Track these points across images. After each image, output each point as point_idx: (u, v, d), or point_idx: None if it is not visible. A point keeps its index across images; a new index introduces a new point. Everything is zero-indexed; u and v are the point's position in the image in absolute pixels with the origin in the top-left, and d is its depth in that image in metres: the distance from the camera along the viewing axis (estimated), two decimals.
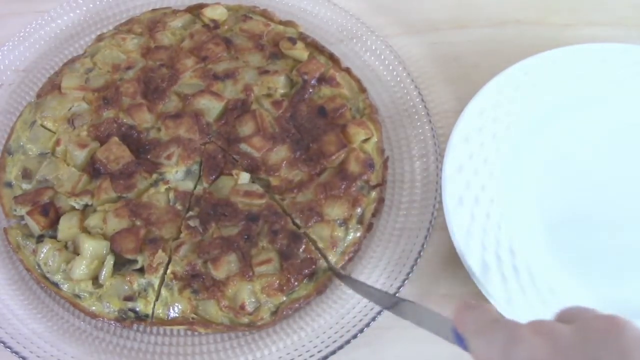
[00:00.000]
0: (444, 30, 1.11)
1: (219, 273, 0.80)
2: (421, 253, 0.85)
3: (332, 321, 0.82)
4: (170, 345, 0.82)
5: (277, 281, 0.80)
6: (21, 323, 0.82)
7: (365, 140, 0.93)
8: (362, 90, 0.98)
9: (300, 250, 0.82)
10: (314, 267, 0.82)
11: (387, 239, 0.88)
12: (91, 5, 1.10)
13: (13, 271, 0.87)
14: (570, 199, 0.90)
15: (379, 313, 0.80)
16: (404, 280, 0.83)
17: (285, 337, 0.81)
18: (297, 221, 0.86)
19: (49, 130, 0.94)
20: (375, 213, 0.89)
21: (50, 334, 0.82)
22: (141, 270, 0.82)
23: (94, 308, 0.82)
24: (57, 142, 0.92)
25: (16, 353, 0.79)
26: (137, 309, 0.82)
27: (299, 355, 0.79)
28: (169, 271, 0.81)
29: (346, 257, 0.86)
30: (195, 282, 0.80)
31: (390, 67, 1.01)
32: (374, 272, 0.85)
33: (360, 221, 0.88)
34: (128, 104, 0.95)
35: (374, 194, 0.90)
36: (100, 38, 1.04)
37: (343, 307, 0.83)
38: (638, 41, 1.02)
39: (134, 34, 1.03)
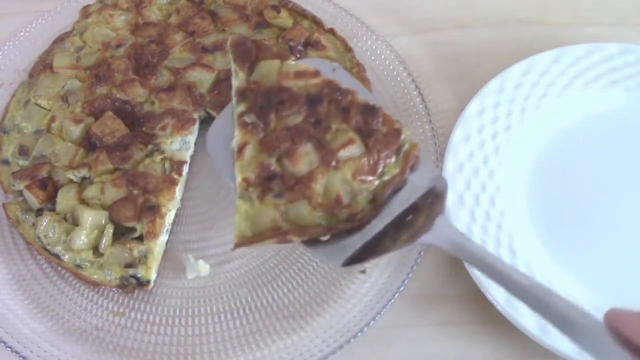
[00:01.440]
0: (444, 30, 1.11)
1: (299, 167, 0.70)
2: (421, 253, 0.85)
3: (332, 321, 0.82)
4: (170, 345, 0.82)
5: (367, 162, 0.70)
6: (22, 323, 0.82)
7: None
8: (348, 49, 1.01)
9: (379, 123, 0.72)
10: (402, 137, 0.71)
11: None
12: None
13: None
14: (571, 198, 0.90)
15: (379, 313, 0.81)
16: (404, 280, 0.83)
17: (286, 336, 0.81)
18: None
19: (43, 108, 0.96)
20: None
21: (50, 333, 0.82)
22: (140, 238, 0.84)
23: (95, 277, 0.84)
24: (52, 119, 0.94)
25: (17, 353, 0.79)
26: (138, 275, 0.83)
27: (299, 355, 0.79)
28: (239, 179, 0.71)
29: None
30: (275, 184, 0.70)
31: (391, 67, 1.02)
32: (375, 271, 0.85)
33: None
34: (120, 80, 0.97)
35: None
36: (86, 13, 1.05)
37: (343, 307, 0.83)
38: (638, 41, 1.02)
39: (120, 9, 1.05)
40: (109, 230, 0.84)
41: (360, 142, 0.70)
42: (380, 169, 0.70)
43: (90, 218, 0.84)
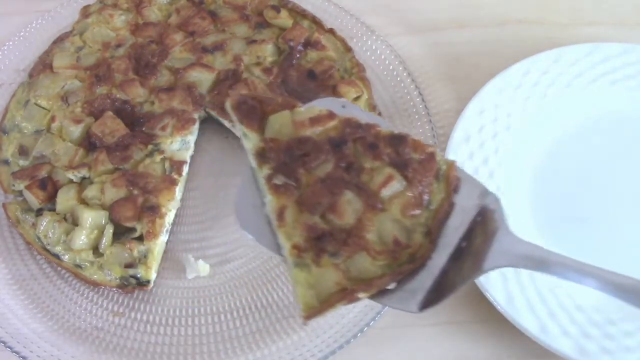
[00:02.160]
0: (444, 30, 1.11)
1: (346, 219, 0.65)
2: None
3: (332, 321, 0.82)
4: (170, 345, 0.82)
5: (412, 195, 0.66)
6: (22, 323, 0.82)
7: (357, 98, 0.95)
8: (348, 49, 1.01)
9: (411, 151, 0.68)
10: (437, 159, 0.68)
11: None
12: None
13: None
14: (571, 198, 0.90)
15: (379, 313, 0.81)
16: None
17: (286, 337, 0.81)
18: None
19: (43, 108, 0.96)
20: None
21: (50, 333, 0.82)
22: (140, 238, 0.84)
23: (95, 277, 0.84)
24: (52, 119, 0.94)
25: (17, 353, 0.79)
26: (138, 275, 0.84)
27: (299, 355, 0.79)
28: (288, 246, 0.66)
29: None
30: (326, 242, 0.65)
31: (391, 67, 1.02)
32: None
33: None
34: (120, 80, 0.97)
35: None
36: (86, 13, 1.05)
37: (343, 306, 0.83)
38: (638, 41, 1.02)
39: (120, 9, 1.05)
40: (109, 230, 0.84)
41: (399, 176, 0.66)
42: (426, 199, 0.66)
43: (90, 218, 0.84)
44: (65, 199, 0.87)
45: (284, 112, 0.71)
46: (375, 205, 0.65)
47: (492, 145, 0.92)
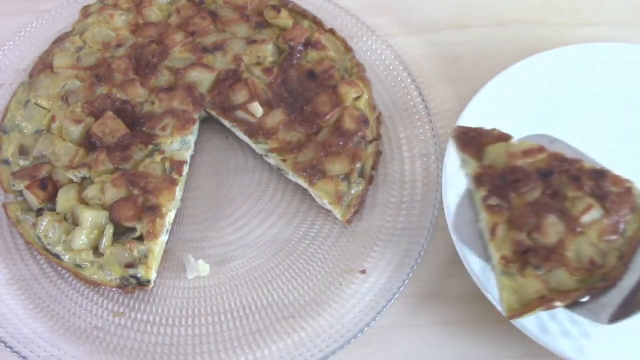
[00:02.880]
0: (444, 30, 1.11)
1: (549, 238, 0.77)
2: (421, 253, 0.85)
3: (332, 321, 0.82)
4: (170, 345, 0.82)
5: (608, 223, 0.77)
6: (22, 323, 0.82)
7: (357, 98, 0.96)
8: (348, 49, 1.01)
9: (609, 184, 0.79)
10: (634, 193, 0.79)
11: (388, 239, 0.88)
12: None
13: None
14: None
15: (379, 313, 0.81)
16: (404, 281, 0.83)
17: (286, 337, 0.82)
18: (301, 180, 0.89)
19: (44, 108, 0.96)
20: (375, 165, 0.92)
21: (50, 333, 0.82)
22: (140, 238, 0.84)
23: (95, 277, 0.84)
24: (52, 119, 0.94)
25: (17, 353, 0.79)
26: (138, 275, 0.84)
27: (299, 355, 0.79)
28: (497, 257, 0.78)
29: (352, 210, 0.88)
30: (531, 257, 0.76)
31: (391, 67, 1.02)
32: (375, 271, 0.85)
33: (361, 174, 0.90)
34: (120, 79, 0.97)
35: (371, 147, 0.92)
36: (86, 13, 1.05)
37: (343, 307, 0.83)
38: (638, 41, 1.02)
39: (120, 9, 1.05)
40: (109, 230, 0.84)
41: (599, 205, 0.77)
42: (621, 227, 0.76)
43: (90, 218, 0.84)
44: (66, 199, 0.87)
45: (500, 144, 0.84)
46: (575, 228, 0.76)
47: None
